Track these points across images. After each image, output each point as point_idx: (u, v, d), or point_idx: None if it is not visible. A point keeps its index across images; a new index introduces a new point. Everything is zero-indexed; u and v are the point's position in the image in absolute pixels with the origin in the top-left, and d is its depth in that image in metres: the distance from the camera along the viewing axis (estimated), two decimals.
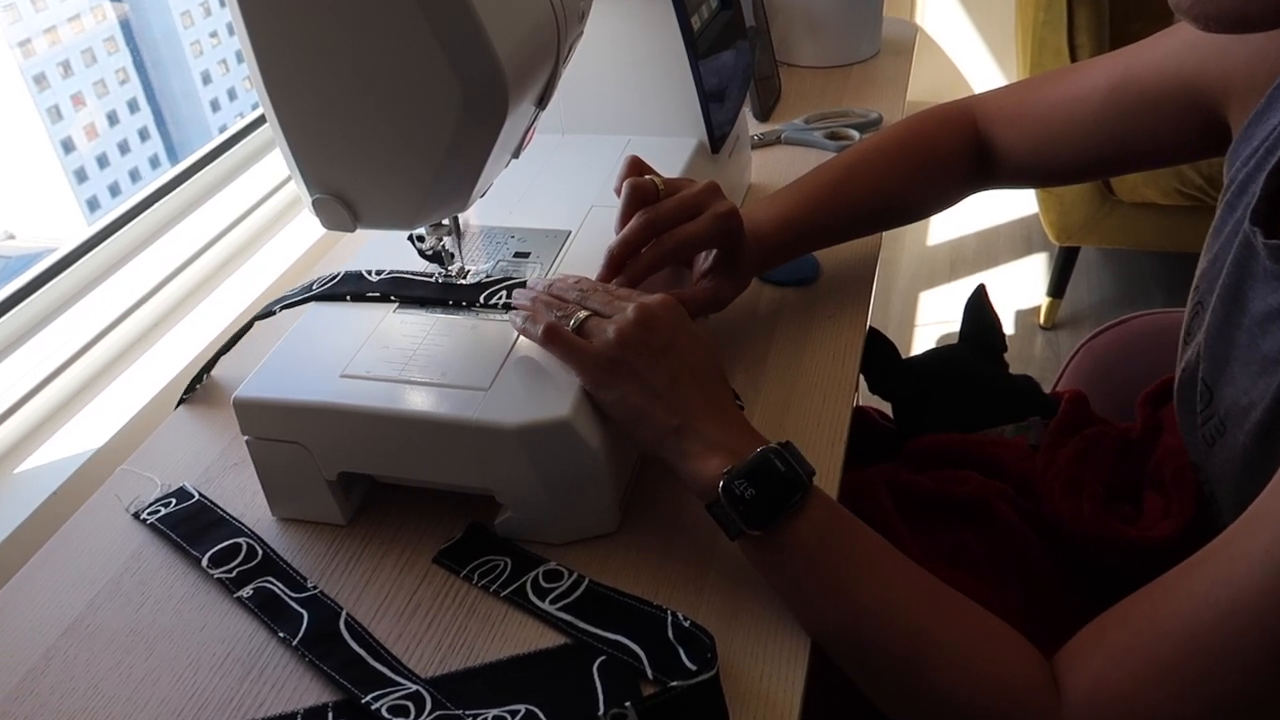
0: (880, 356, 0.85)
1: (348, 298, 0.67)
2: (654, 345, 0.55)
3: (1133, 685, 0.45)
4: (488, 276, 0.67)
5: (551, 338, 0.57)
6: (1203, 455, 0.61)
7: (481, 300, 0.64)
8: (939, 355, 0.88)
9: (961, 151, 0.78)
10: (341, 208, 0.56)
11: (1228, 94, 0.62)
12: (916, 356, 0.88)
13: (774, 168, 0.99)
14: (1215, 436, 0.58)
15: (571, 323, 0.58)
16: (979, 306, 0.89)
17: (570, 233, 0.71)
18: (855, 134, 1.02)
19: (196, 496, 0.66)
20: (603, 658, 0.53)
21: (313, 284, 0.69)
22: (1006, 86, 0.79)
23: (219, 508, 0.65)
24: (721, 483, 0.52)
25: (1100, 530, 0.65)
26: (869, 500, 0.70)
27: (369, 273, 0.68)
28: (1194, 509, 0.64)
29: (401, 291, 0.66)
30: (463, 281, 0.66)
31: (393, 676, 0.53)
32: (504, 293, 0.64)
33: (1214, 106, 0.64)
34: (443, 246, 0.65)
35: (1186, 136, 0.67)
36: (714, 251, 0.69)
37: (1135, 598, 0.48)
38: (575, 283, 0.61)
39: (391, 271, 0.68)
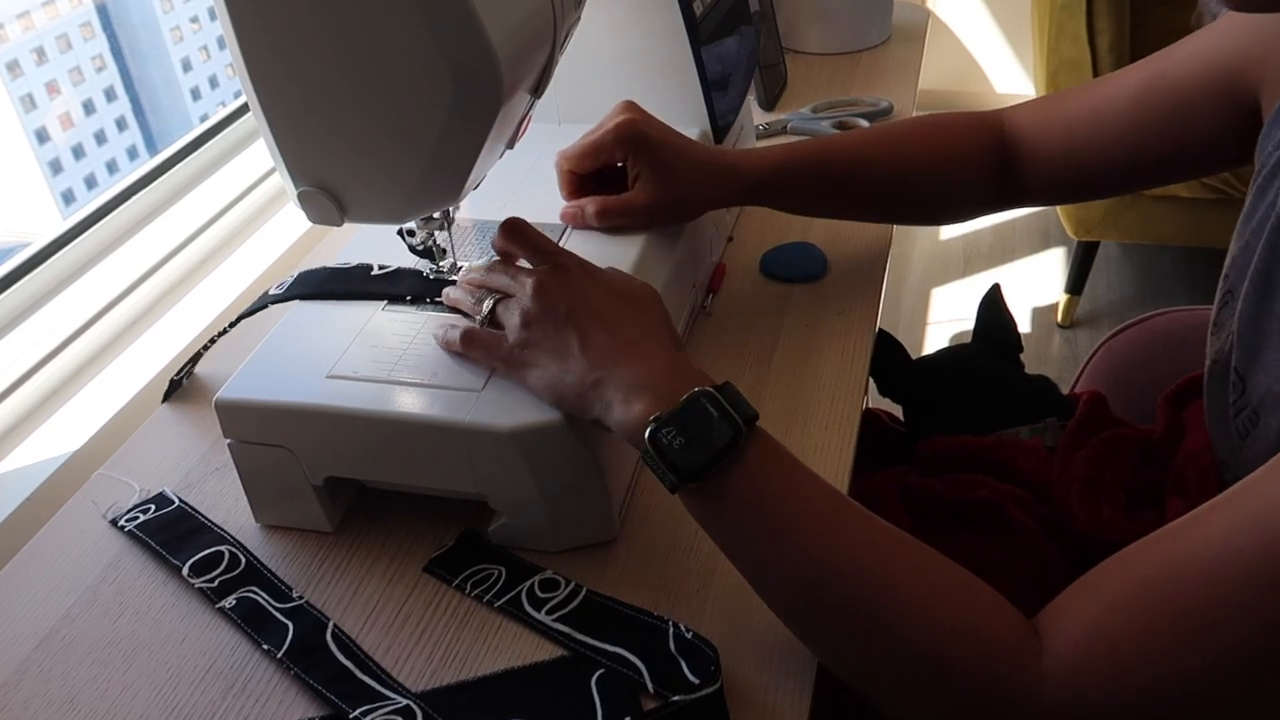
0: (889, 357, 0.85)
1: (338, 295, 0.67)
2: (558, 313, 0.56)
3: (1131, 634, 0.43)
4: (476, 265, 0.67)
5: (468, 345, 0.59)
6: (1234, 450, 0.61)
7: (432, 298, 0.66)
8: (951, 355, 0.88)
9: (986, 154, 0.77)
10: (328, 201, 0.56)
11: (1263, 80, 0.62)
12: (928, 356, 0.88)
13: None
14: (1248, 428, 0.58)
15: (483, 310, 0.59)
16: (993, 305, 0.89)
17: (567, 227, 0.71)
18: (864, 123, 1.02)
19: (177, 502, 0.66)
20: (601, 671, 0.53)
21: (293, 282, 0.69)
22: (1034, 99, 0.79)
23: (200, 514, 0.65)
24: (648, 430, 0.49)
25: (1120, 536, 0.65)
26: (880, 506, 0.70)
27: (356, 269, 0.69)
28: None
29: (391, 289, 0.66)
30: (454, 277, 0.66)
31: (382, 690, 0.53)
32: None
33: (1250, 96, 0.64)
34: (434, 241, 0.65)
35: (1221, 132, 0.67)
36: (639, 166, 0.71)
37: (1142, 545, 0.46)
38: (485, 266, 0.62)
39: (382, 267, 0.68)
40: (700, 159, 0.73)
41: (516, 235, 0.61)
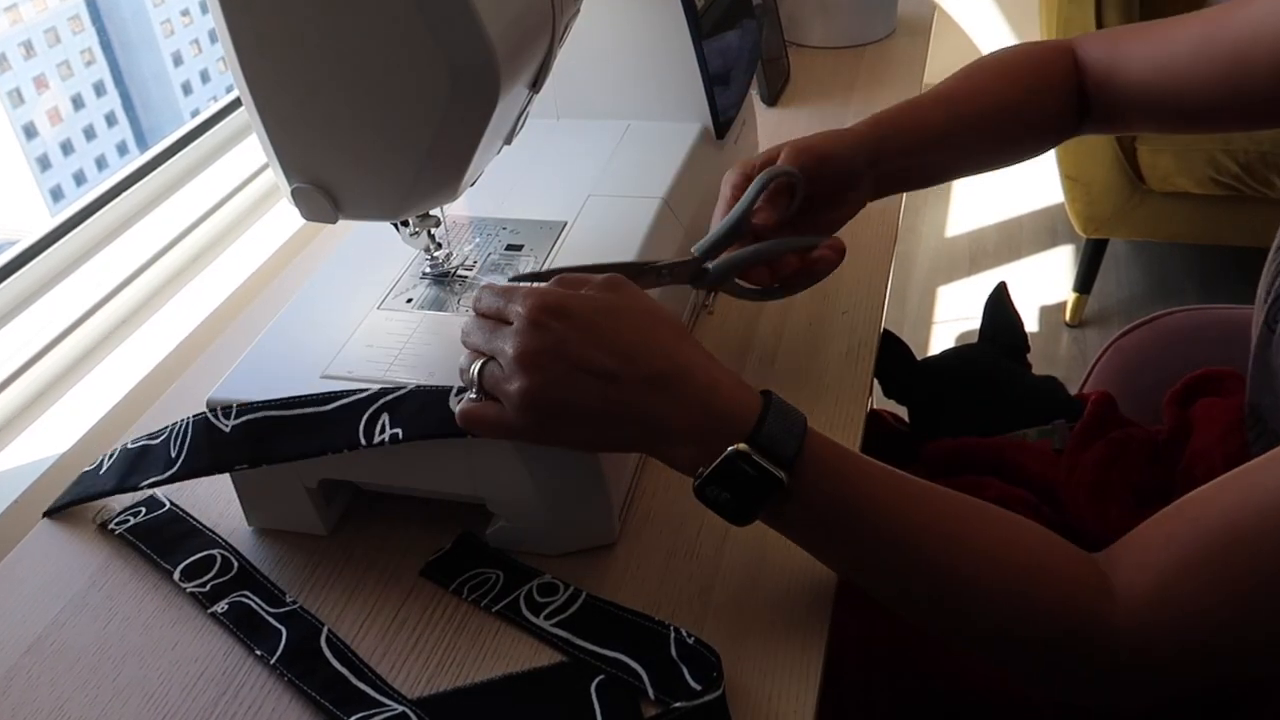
0: (893, 358, 0.85)
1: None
2: (558, 383, 0.50)
3: (1198, 595, 0.45)
4: (473, 264, 0.67)
5: (469, 423, 0.53)
6: None
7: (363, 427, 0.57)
8: (957, 355, 0.88)
9: (1066, 75, 0.75)
10: (322, 197, 0.56)
11: None
12: (933, 357, 0.88)
13: None
14: None
15: (471, 387, 0.53)
16: (999, 305, 0.89)
17: (566, 224, 0.71)
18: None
19: (168, 505, 0.66)
20: (601, 677, 0.53)
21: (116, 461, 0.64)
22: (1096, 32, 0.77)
23: (192, 517, 0.65)
24: (694, 485, 0.51)
25: None
26: None
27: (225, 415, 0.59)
28: None
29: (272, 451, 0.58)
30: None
31: (377, 697, 0.53)
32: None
33: None
34: (430, 237, 0.65)
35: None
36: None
37: (1206, 496, 0.48)
38: (464, 328, 0.55)
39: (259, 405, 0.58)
40: (846, 143, 0.70)
41: (475, 330, 0.54)
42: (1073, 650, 0.48)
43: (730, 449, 0.49)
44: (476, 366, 0.52)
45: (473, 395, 0.53)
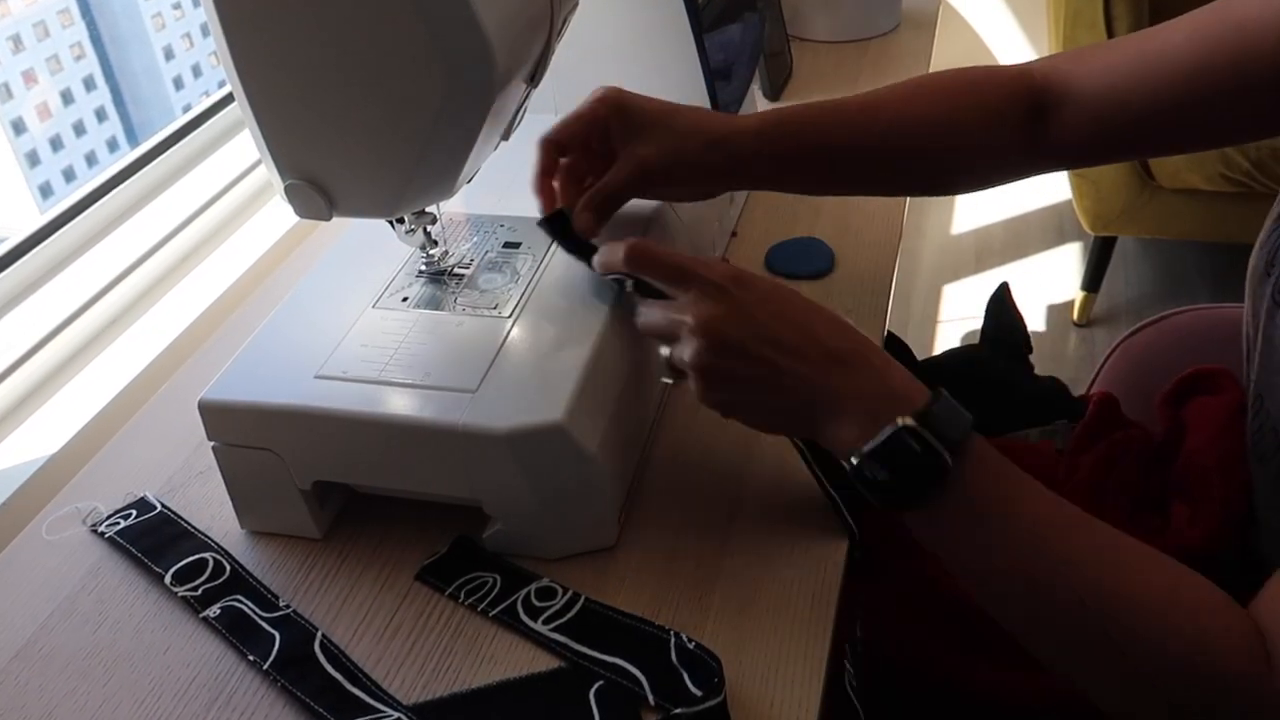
0: (894, 358, 0.85)
1: None
2: (739, 364, 0.53)
3: None
4: (470, 262, 0.67)
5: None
6: None
7: None
8: (958, 356, 0.88)
9: (1015, 104, 0.70)
10: (316, 194, 0.56)
11: None
12: (934, 357, 0.88)
13: None
14: None
15: (662, 361, 0.57)
16: (1001, 305, 0.89)
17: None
18: None
19: (159, 508, 0.66)
20: (600, 683, 0.53)
21: None
22: (1069, 51, 0.73)
23: (184, 520, 0.65)
24: (850, 462, 0.50)
25: None
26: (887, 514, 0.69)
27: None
28: (1220, 514, 0.64)
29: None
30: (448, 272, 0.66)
31: (372, 703, 0.53)
32: None
33: None
34: (426, 235, 0.65)
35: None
36: (621, 130, 0.68)
37: None
38: (638, 313, 0.59)
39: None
40: (689, 117, 0.69)
41: (647, 266, 0.58)
42: (1221, 715, 0.47)
43: (900, 421, 0.49)
44: (665, 352, 0.56)
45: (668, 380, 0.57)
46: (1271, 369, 0.61)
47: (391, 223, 0.65)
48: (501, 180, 0.77)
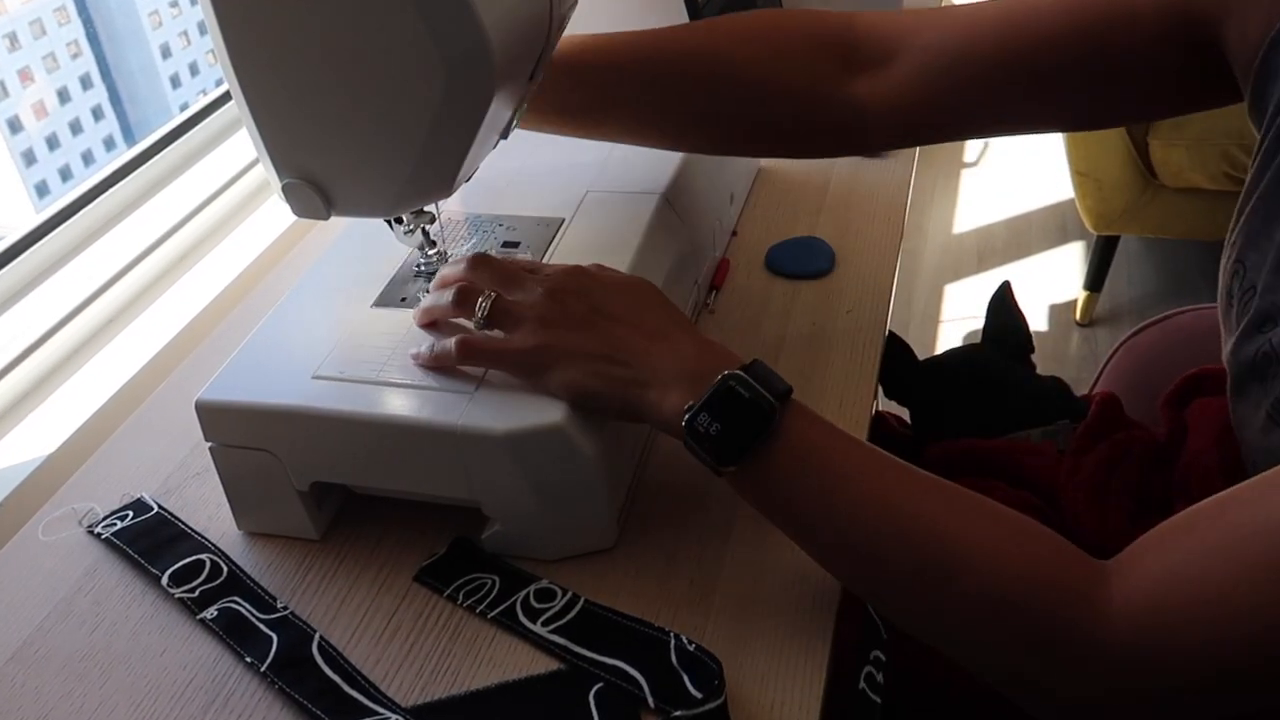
0: (895, 358, 0.85)
1: None
2: (576, 316, 0.56)
3: (1194, 600, 0.44)
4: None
5: (468, 353, 0.58)
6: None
7: None
8: (960, 356, 0.88)
9: (821, 52, 0.66)
10: (314, 193, 0.56)
11: (1227, 20, 0.56)
12: (935, 357, 0.88)
13: None
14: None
15: (478, 312, 0.58)
16: (1003, 305, 0.89)
17: (564, 220, 0.71)
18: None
19: (156, 509, 0.66)
20: (600, 685, 0.53)
21: None
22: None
23: (180, 521, 0.65)
24: (684, 419, 0.52)
25: (1125, 544, 0.65)
26: None
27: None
28: None
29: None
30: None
31: (370, 705, 0.53)
32: None
33: (1206, 32, 0.57)
34: (424, 235, 0.65)
35: (1161, 61, 0.59)
36: None
37: (1210, 505, 0.47)
38: (466, 268, 0.60)
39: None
40: None
41: (486, 268, 0.60)
42: (1058, 652, 0.47)
43: (724, 372, 0.52)
44: (487, 302, 0.58)
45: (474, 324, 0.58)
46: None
47: (390, 222, 0.64)
48: (500, 179, 0.77)
